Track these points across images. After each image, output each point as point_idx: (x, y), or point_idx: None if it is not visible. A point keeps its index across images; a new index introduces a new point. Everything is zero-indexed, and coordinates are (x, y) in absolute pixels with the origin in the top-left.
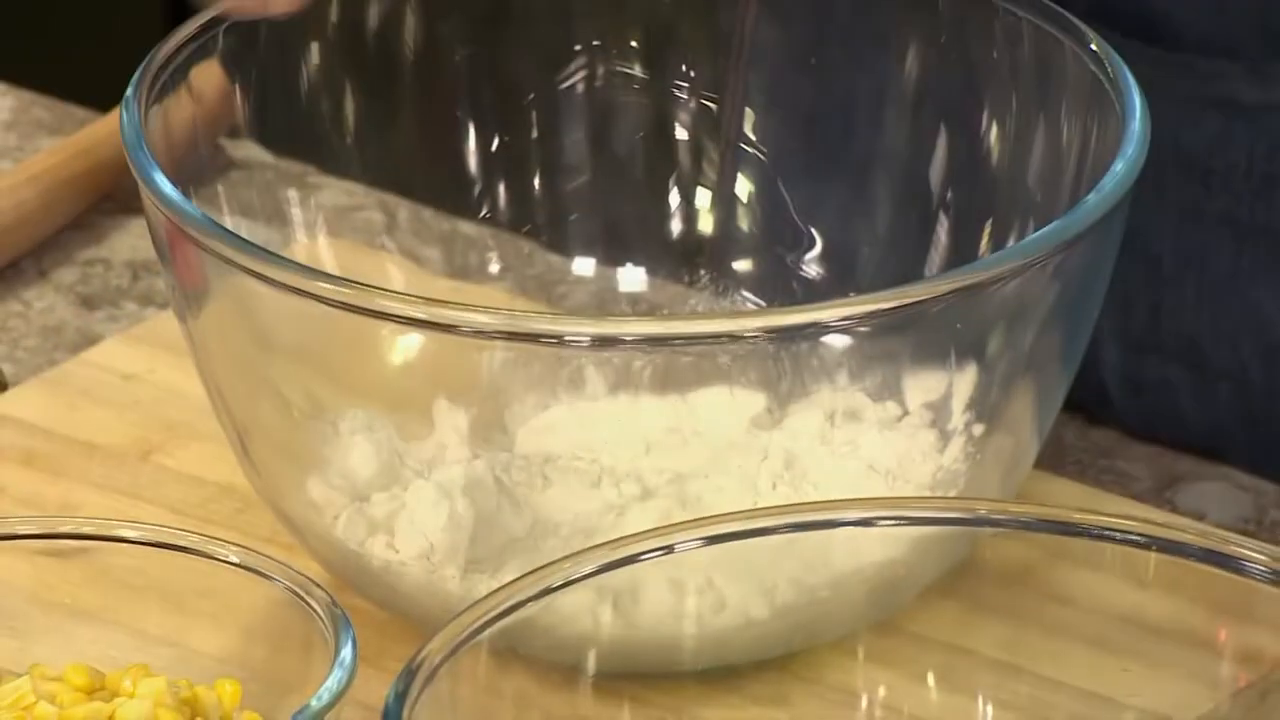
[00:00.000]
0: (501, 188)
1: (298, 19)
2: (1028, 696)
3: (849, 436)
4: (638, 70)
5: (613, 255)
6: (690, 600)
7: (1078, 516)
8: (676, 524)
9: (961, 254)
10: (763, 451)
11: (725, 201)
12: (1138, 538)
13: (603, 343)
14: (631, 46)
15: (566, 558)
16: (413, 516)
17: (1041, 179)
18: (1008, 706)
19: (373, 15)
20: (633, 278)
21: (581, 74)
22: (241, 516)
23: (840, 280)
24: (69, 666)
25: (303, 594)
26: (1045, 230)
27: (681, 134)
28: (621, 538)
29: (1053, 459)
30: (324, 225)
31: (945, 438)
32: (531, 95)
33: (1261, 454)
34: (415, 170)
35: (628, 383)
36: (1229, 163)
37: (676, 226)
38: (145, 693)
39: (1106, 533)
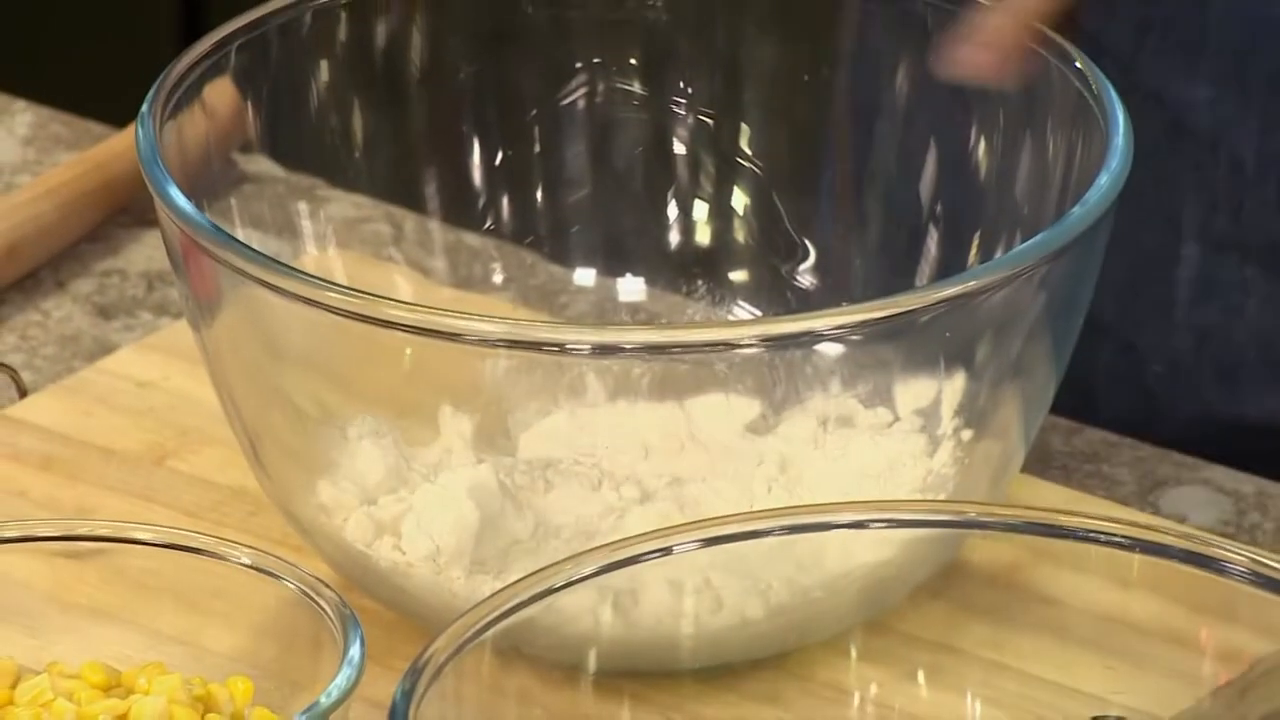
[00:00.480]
0: (505, 200)
1: (307, 37)
2: (1014, 694)
3: (841, 441)
4: (637, 87)
5: (613, 266)
6: (688, 600)
7: (1063, 519)
8: (674, 526)
9: (951, 265)
10: (758, 456)
11: (721, 214)
12: (1121, 539)
13: (603, 351)
14: (631, 64)
15: (568, 559)
16: (419, 519)
17: (1028, 192)
18: (995, 704)
19: (380, 33)
20: (632, 288)
21: (582, 90)
22: (253, 519)
23: (833, 290)
24: (86, 664)
25: (312, 594)
26: (1032, 242)
27: (679, 149)
28: (621, 540)
29: (1039, 463)
30: (333, 237)
31: (935, 443)
32: (534, 111)
33: None
34: (421, 183)
35: (627, 390)
36: None
37: (674, 238)
38: (160, 690)
39: (1091, 535)
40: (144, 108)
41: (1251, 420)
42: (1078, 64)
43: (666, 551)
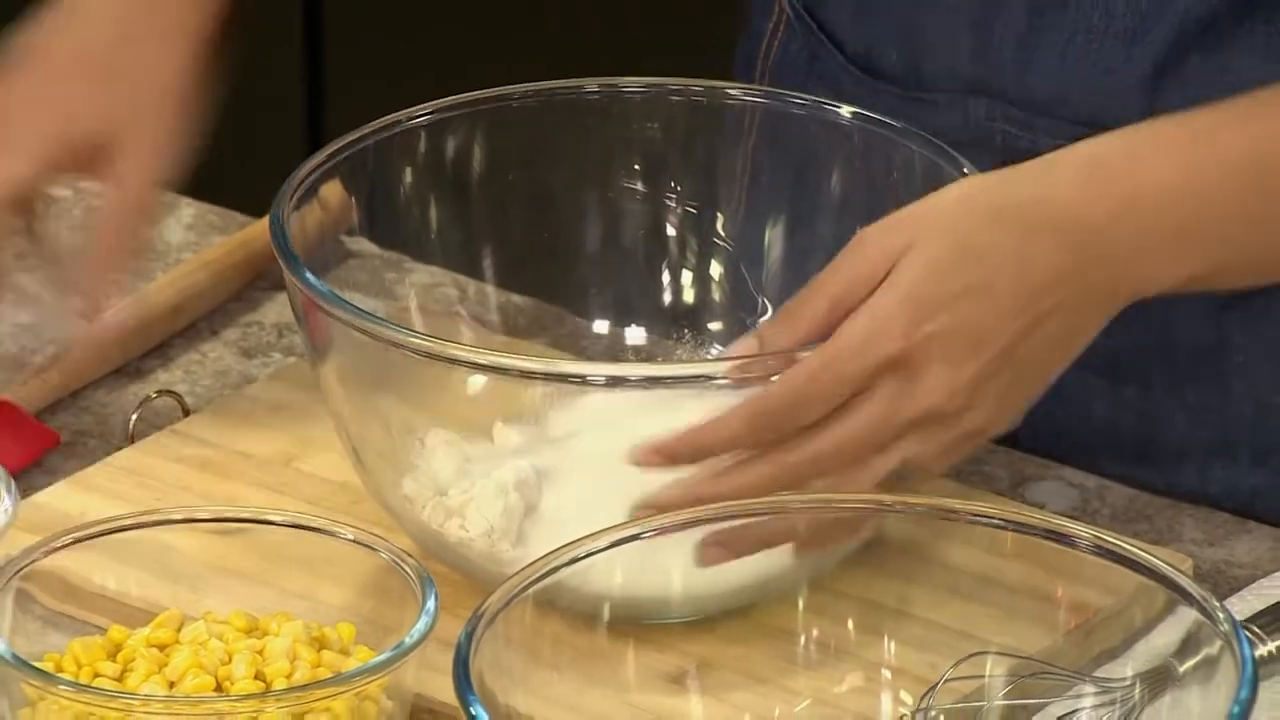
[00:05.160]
0: (541, 270)
1: (396, 149)
2: (919, 636)
3: None
4: (639, 186)
5: (621, 319)
6: (677, 567)
7: (955, 505)
8: (667, 514)
9: None
10: None
11: (702, 280)
12: (998, 521)
13: (614, 381)
14: (635, 169)
15: (587, 536)
16: (479, 505)
17: None
18: (904, 643)
19: (450, 147)
20: (635, 335)
21: (598, 188)
22: (356, 506)
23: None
24: (232, 613)
25: (399, 561)
26: None
27: (670, 231)
28: (628, 521)
29: None
30: (415, 298)
31: None
32: (563, 204)
33: None
34: (480, 258)
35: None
36: None
37: (667, 298)
38: (287, 632)
39: (976, 518)
40: (276, 202)
41: (1093, 429)
42: (965, 170)
43: (663, 531)
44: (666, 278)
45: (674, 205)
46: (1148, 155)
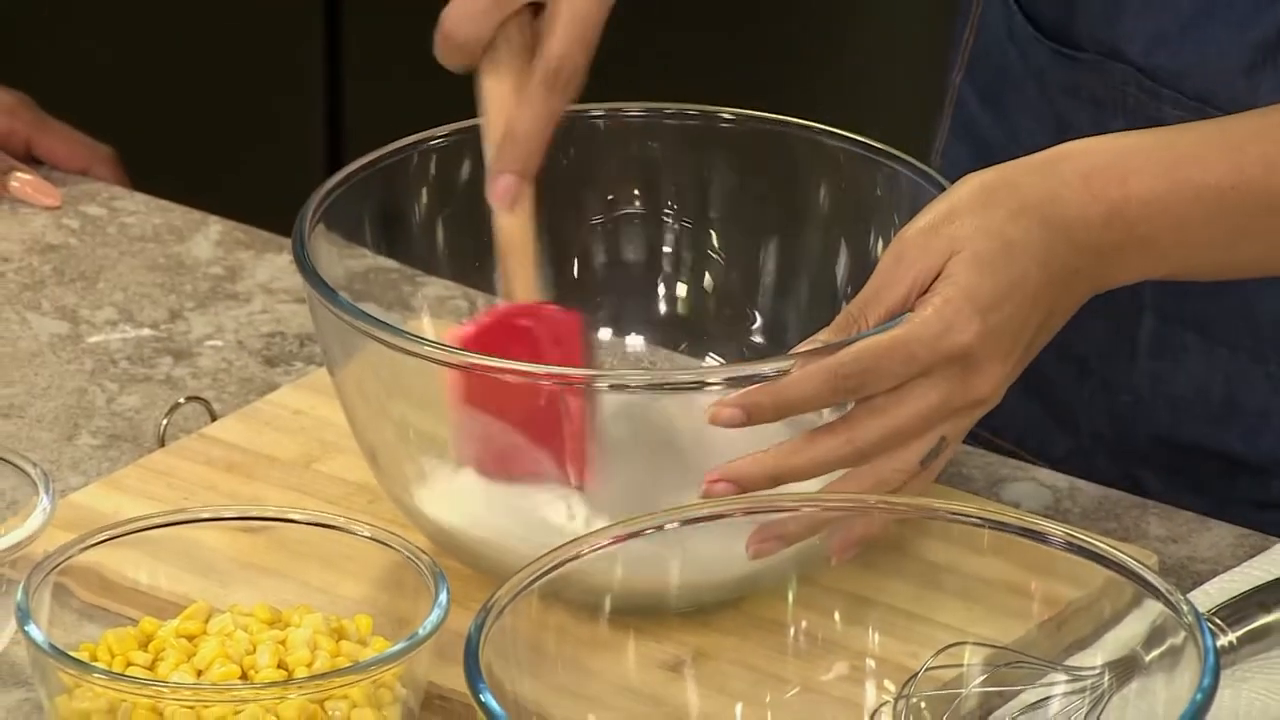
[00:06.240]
0: (548, 284)
1: (411, 171)
2: (901, 626)
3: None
4: (638, 207)
5: (623, 328)
6: (674, 562)
7: (936, 505)
8: (664, 511)
9: None
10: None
11: (698, 293)
12: (976, 519)
13: (617, 388)
14: (634, 192)
15: (589, 534)
16: None
17: None
18: (888, 634)
19: (462, 169)
20: (636, 343)
21: (601, 208)
22: (373, 505)
23: (774, 346)
24: (257, 606)
25: (414, 557)
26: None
27: (667, 248)
28: (627, 519)
29: None
30: (428, 310)
31: None
32: (569, 223)
33: None
34: (489, 272)
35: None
36: None
37: (664, 309)
38: (308, 624)
39: (955, 516)
40: (298, 220)
41: (1066, 433)
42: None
43: (659, 529)
44: (663, 290)
45: (671, 221)
46: (1136, 168)
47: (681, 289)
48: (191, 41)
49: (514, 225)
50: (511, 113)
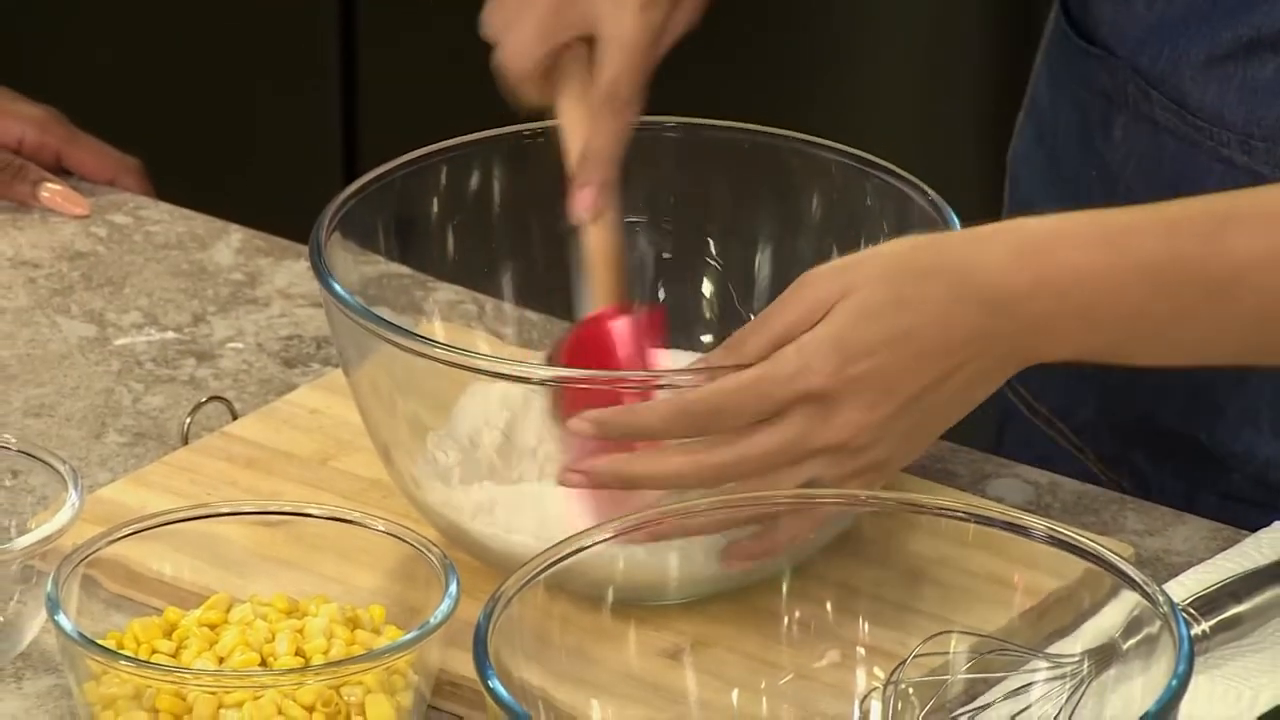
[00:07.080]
0: (554, 289)
1: (423, 181)
2: (890, 616)
3: None
4: (639, 213)
5: None
6: (673, 555)
7: (923, 499)
8: (662, 508)
9: None
10: None
11: (694, 294)
12: (961, 514)
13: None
14: (638, 205)
15: (591, 528)
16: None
17: None
18: (876, 622)
19: (471, 179)
20: None
21: None
22: (386, 500)
23: None
24: (275, 596)
25: (425, 550)
26: None
27: (667, 255)
28: (627, 514)
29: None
30: (439, 313)
31: None
32: (572, 228)
33: None
34: (498, 278)
35: None
36: None
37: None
38: (324, 614)
39: (941, 511)
40: (315, 228)
41: (1049, 433)
42: (932, 198)
43: (658, 523)
44: (663, 295)
45: (670, 230)
46: (1070, 239)
47: (680, 294)
48: (212, 60)
49: (599, 235)
50: (586, 133)
